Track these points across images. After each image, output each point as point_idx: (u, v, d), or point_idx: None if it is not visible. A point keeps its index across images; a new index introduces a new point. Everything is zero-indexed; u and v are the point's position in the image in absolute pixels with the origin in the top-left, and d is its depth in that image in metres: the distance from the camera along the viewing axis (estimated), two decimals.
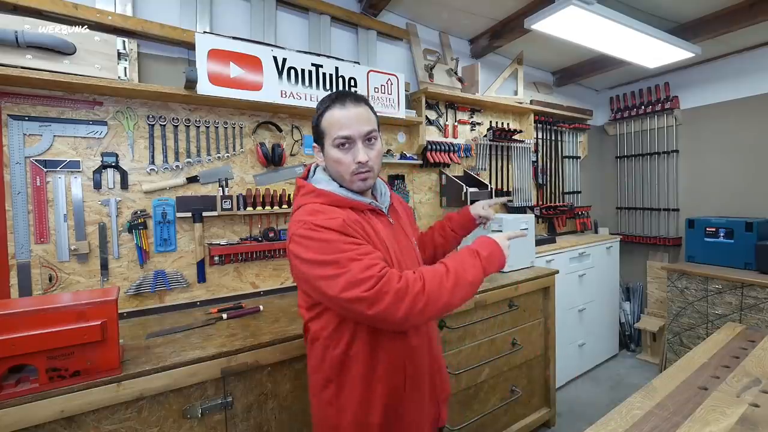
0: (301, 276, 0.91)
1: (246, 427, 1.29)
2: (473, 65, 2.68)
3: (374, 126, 1.01)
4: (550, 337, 2.27)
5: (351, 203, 0.98)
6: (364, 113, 0.99)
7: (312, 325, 1.01)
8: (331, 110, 0.98)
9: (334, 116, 0.97)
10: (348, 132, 0.96)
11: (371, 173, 1.01)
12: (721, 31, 2.34)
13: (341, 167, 0.98)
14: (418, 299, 0.84)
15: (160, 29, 1.63)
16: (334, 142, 0.97)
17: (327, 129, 0.99)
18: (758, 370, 1.23)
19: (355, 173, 0.98)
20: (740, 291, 2.42)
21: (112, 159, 1.56)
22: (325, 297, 0.88)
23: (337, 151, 0.98)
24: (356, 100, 0.99)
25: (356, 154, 0.97)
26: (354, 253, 0.85)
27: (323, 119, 1.00)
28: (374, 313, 0.82)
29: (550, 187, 3.30)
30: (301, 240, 0.88)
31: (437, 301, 0.86)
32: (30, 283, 1.43)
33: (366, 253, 0.87)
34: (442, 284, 0.88)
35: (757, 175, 2.82)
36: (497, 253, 1.02)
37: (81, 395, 1.03)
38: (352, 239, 0.88)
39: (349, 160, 0.98)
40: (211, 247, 1.74)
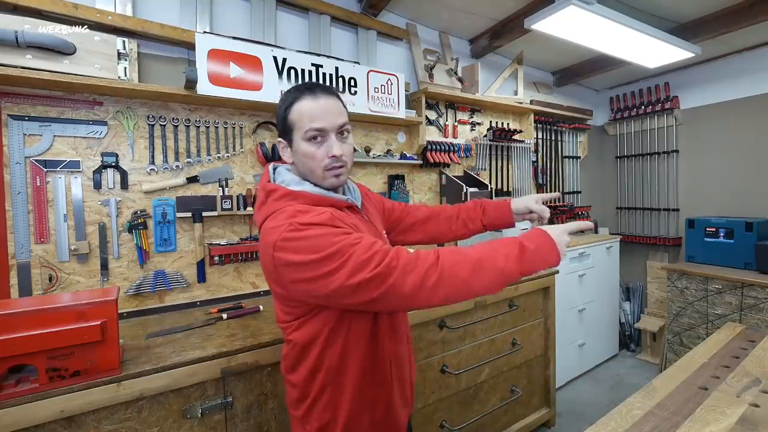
0: (292, 284, 0.81)
1: (246, 427, 1.29)
2: (473, 65, 2.68)
3: (347, 119, 0.94)
4: (550, 337, 2.27)
5: (330, 201, 0.91)
6: (336, 105, 0.92)
7: (298, 336, 0.91)
8: (301, 101, 0.90)
9: (305, 107, 0.89)
10: (321, 124, 0.88)
11: (345, 168, 0.93)
12: (721, 31, 2.34)
13: (313, 162, 0.90)
14: (429, 273, 0.75)
15: (160, 29, 1.63)
16: (305, 135, 0.89)
17: (296, 121, 0.90)
18: (758, 370, 1.23)
19: (327, 168, 0.90)
20: (740, 291, 2.42)
21: (112, 159, 1.56)
22: (323, 296, 0.79)
23: (308, 145, 0.89)
24: (327, 91, 0.92)
25: (330, 148, 0.90)
26: (351, 238, 0.78)
27: (292, 110, 0.90)
28: (381, 291, 0.75)
29: (550, 187, 3.30)
30: (288, 244, 0.78)
31: (452, 278, 0.76)
32: (30, 283, 1.43)
33: (362, 236, 0.80)
34: (461, 262, 0.77)
35: (757, 175, 2.82)
36: (547, 247, 0.84)
37: (81, 395, 1.03)
38: (344, 230, 0.81)
39: (322, 154, 0.90)
40: (211, 247, 1.74)
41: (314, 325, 0.89)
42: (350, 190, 1.04)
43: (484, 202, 1.23)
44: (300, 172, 0.94)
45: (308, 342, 0.90)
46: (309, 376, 0.92)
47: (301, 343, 0.91)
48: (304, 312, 0.89)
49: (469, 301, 1.79)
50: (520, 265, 0.80)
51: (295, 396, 0.96)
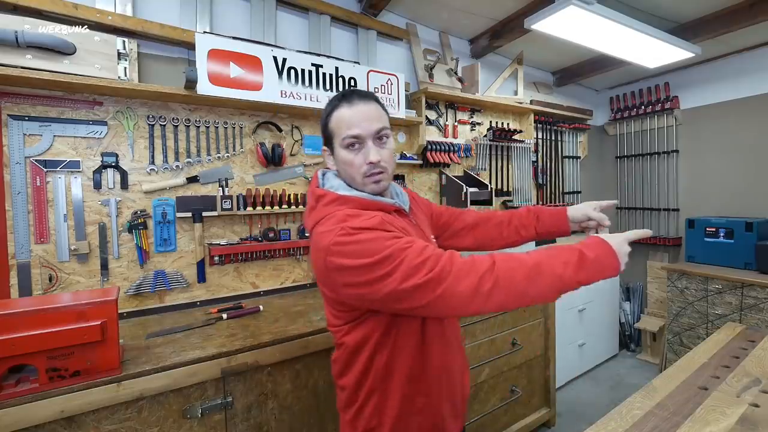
0: (344, 288, 0.81)
1: (246, 427, 1.29)
2: (473, 65, 2.68)
3: (385, 123, 0.93)
4: (550, 337, 2.27)
5: (379, 205, 0.91)
6: (373, 110, 0.92)
7: (349, 339, 0.91)
8: (339, 109, 0.91)
9: (342, 115, 0.90)
10: (357, 131, 0.89)
11: (384, 174, 0.92)
12: (721, 31, 2.34)
13: (352, 169, 0.91)
14: (485, 278, 0.72)
15: (160, 29, 1.63)
16: (343, 143, 0.90)
17: (335, 129, 0.92)
18: (758, 370, 1.23)
19: (366, 175, 0.91)
20: (740, 291, 2.42)
21: (112, 159, 1.56)
22: (377, 300, 0.78)
23: (346, 152, 0.91)
24: (364, 97, 0.93)
25: (367, 154, 0.89)
26: (403, 241, 0.77)
27: (331, 119, 0.93)
28: (436, 295, 0.73)
29: (550, 187, 3.30)
30: (340, 248, 0.78)
31: (509, 284, 0.73)
32: (30, 283, 1.43)
33: (414, 240, 0.79)
34: (518, 268, 0.74)
35: (757, 175, 2.82)
36: (607, 257, 0.80)
37: (81, 395, 1.03)
38: (395, 234, 0.80)
39: (360, 161, 0.90)
40: (211, 247, 1.74)
41: (364, 329, 0.89)
42: (397, 194, 1.04)
43: (539, 209, 1.19)
44: (343, 179, 0.96)
45: (358, 346, 0.90)
46: (357, 380, 0.91)
47: (351, 347, 0.91)
48: (354, 316, 0.89)
49: None
50: (579, 274, 0.77)
51: (344, 400, 0.95)
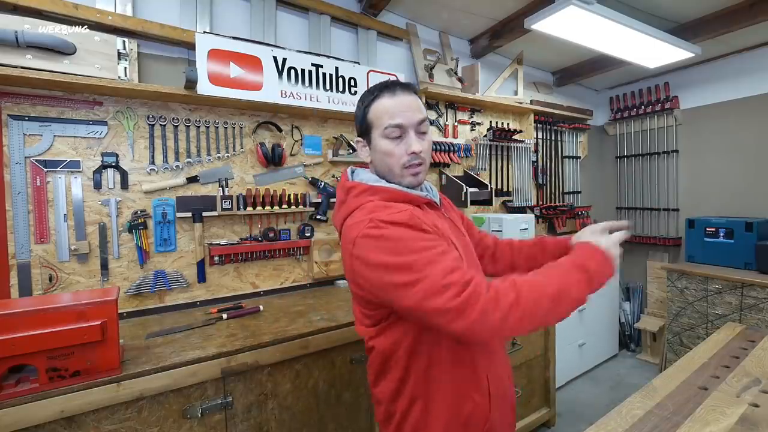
0: (369, 284, 0.79)
1: (246, 427, 1.29)
2: (473, 65, 2.68)
3: (426, 115, 0.92)
4: (550, 337, 2.27)
5: (410, 197, 0.88)
6: (415, 101, 0.90)
7: (379, 343, 0.86)
8: (380, 99, 0.89)
9: (384, 105, 0.88)
10: (400, 120, 0.87)
11: (423, 166, 0.91)
12: (721, 31, 2.34)
13: (392, 159, 0.88)
14: (511, 312, 0.70)
15: (160, 29, 1.63)
16: (384, 132, 0.87)
17: (375, 119, 0.89)
18: (758, 370, 1.23)
19: (406, 166, 0.88)
20: (740, 291, 2.42)
21: (112, 159, 1.56)
22: (401, 307, 0.76)
23: (387, 142, 0.88)
24: (406, 89, 0.91)
25: (409, 145, 0.87)
26: (430, 253, 0.73)
27: (371, 110, 0.89)
28: (459, 327, 0.70)
29: (550, 187, 3.30)
30: (366, 241, 0.76)
31: (533, 315, 0.72)
32: (30, 283, 1.43)
33: (443, 252, 0.75)
34: (541, 297, 0.73)
35: (757, 175, 2.82)
36: (605, 264, 0.82)
37: (81, 395, 1.03)
38: (424, 234, 0.77)
39: (401, 151, 0.87)
40: (211, 247, 1.74)
41: (395, 332, 0.84)
42: (427, 189, 1.00)
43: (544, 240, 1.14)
44: (378, 172, 0.93)
45: (390, 351, 0.85)
46: (394, 391, 0.86)
47: (382, 352, 0.86)
48: (383, 316, 0.85)
49: None
50: (589, 289, 0.79)
51: (381, 413, 0.90)
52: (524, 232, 2.30)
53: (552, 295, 0.73)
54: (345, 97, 1.97)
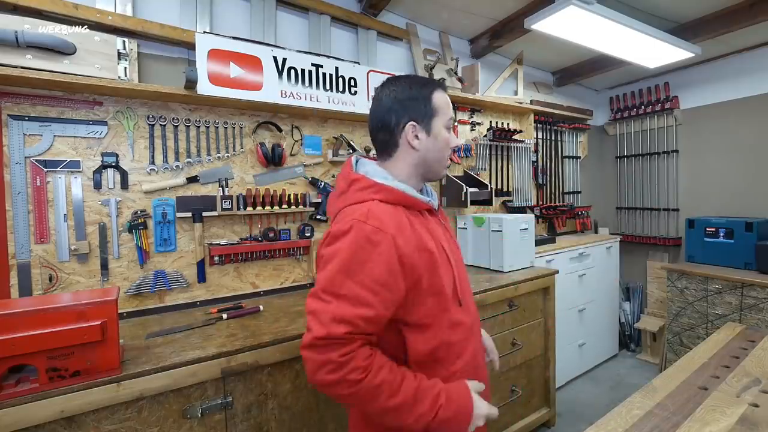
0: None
1: (246, 427, 1.29)
2: (473, 65, 2.68)
3: None
4: (550, 337, 2.27)
5: (413, 201, 0.89)
6: None
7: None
8: (439, 91, 0.94)
9: (445, 98, 0.94)
10: (452, 115, 0.96)
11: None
12: (721, 31, 2.34)
13: (446, 151, 0.95)
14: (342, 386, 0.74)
15: (160, 29, 1.63)
16: (447, 123, 0.94)
17: (441, 108, 0.92)
18: (758, 370, 1.23)
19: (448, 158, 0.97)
20: (740, 291, 2.42)
21: (112, 159, 1.56)
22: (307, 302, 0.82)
23: (446, 133, 0.94)
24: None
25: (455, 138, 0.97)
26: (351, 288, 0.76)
27: (435, 98, 0.92)
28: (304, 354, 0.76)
29: (550, 187, 3.30)
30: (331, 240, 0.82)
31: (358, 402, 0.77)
32: (30, 283, 1.43)
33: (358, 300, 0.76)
34: (378, 398, 0.76)
35: (757, 175, 2.82)
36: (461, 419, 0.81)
37: (81, 395, 1.03)
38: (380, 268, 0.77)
39: (455, 142, 0.96)
40: (211, 247, 1.74)
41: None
42: (429, 192, 1.03)
43: None
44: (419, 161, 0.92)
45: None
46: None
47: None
48: None
49: None
50: (426, 428, 0.78)
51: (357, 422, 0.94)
52: (524, 232, 2.30)
53: (386, 407, 0.76)
54: (345, 97, 1.97)
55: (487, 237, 2.33)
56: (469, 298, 0.97)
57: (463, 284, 0.94)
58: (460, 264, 0.97)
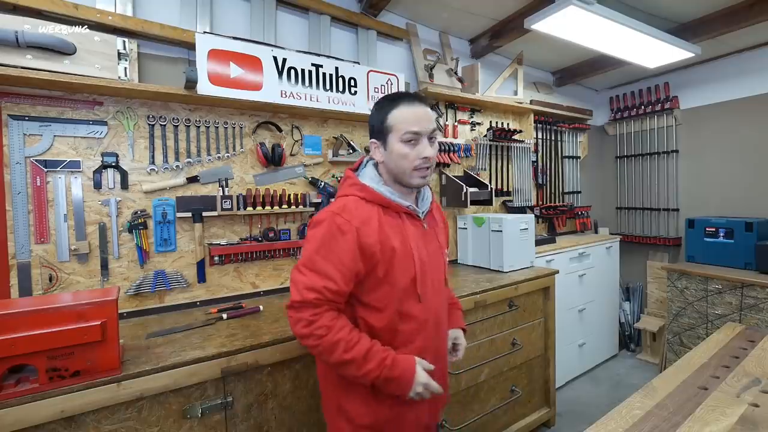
0: None
1: (246, 427, 1.29)
2: (473, 65, 2.68)
3: (436, 126, 1.07)
4: (550, 337, 2.27)
5: (388, 203, 1.04)
6: (429, 113, 1.05)
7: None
8: (400, 107, 1.03)
9: (404, 113, 1.02)
10: (417, 128, 1.02)
11: (430, 170, 1.06)
12: (721, 31, 2.34)
13: (405, 162, 1.03)
14: (311, 339, 0.95)
15: (160, 29, 1.63)
16: (402, 137, 1.02)
17: (395, 124, 1.03)
18: (758, 370, 1.23)
19: (416, 168, 1.03)
20: (740, 291, 2.42)
21: (112, 159, 1.56)
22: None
23: (403, 146, 1.02)
24: (422, 101, 1.06)
25: (422, 150, 1.02)
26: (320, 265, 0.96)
27: (390, 116, 1.03)
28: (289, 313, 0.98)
29: (550, 187, 3.30)
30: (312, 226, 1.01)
31: (319, 353, 0.97)
32: (30, 283, 1.43)
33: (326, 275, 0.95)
34: (335, 352, 0.94)
35: (757, 175, 2.82)
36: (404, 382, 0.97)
37: (81, 395, 1.03)
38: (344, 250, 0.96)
39: (415, 155, 1.02)
40: (211, 247, 1.74)
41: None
42: (423, 197, 1.15)
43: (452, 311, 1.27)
44: (387, 170, 1.07)
45: None
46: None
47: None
48: None
49: (469, 300, 1.80)
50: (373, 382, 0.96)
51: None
52: (524, 232, 2.30)
53: (342, 359, 0.94)
54: (345, 97, 1.97)
55: (487, 237, 2.33)
56: (432, 297, 1.09)
57: (426, 284, 1.06)
58: (430, 266, 1.08)
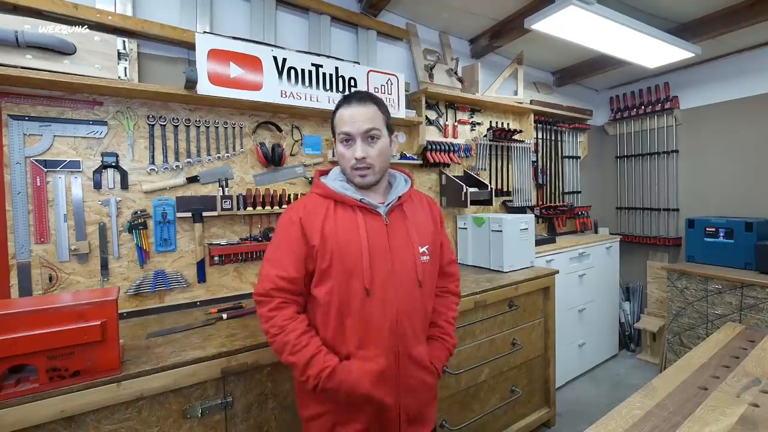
0: None
1: (246, 427, 1.29)
2: (473, 65, 2.68)
3: (375, 124, 1.04)
4: (550, 337, 2.27)
5: (339, 197, 1.06)
6: (366, 112, 1.04)
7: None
8: (340, 109, 1.06)
9: (341, 114, 1.05)
10: (347, 128, 1.03)
11: (370, 170, 1.05)
12: (721, 31, 2.34)
13: (343, 161, 1.07)
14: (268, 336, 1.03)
15: (160, 29, 1.63)
16: (338, 138, 1.06)
17: (335, 126, 1.07)
18: (758, 370, 1.23)
19: (354, 168, 1.05)
20: (740, 291, 2.42)
21: (112, 159, 1.56)
22: None
23: (341, 147, 1.06)
24: (361, 99, 1.05)
25: (354, 150, 1.03)
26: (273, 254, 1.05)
27: (334, 117, 1.08)
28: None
29: (550, 187, 3.30)
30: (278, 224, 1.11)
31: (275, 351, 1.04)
32: (30, 283, 1.43)
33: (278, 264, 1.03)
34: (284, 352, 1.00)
35: (757, 175, 2.82)
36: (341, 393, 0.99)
37: (81, 395, 1.03)
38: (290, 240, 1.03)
39: (350, 155, 1.04)
40: (211, 247, 1.74)
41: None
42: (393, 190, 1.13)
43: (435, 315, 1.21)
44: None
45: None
46: None
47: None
48: None
49: (469, 300, 1.80)
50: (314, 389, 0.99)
51: None
52: (524, 232, 2.30)
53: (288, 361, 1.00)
54: None
55: (487, 237, 2.33)
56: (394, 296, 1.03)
57: (379, 278, 1.02)
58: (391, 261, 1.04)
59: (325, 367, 0.98)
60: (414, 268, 1.07)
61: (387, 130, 1.09)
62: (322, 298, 1.03)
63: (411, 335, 1.06)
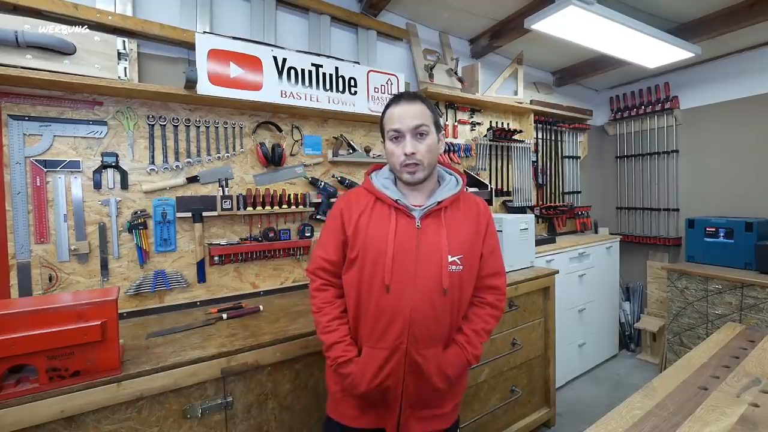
0: None
1: (246, 427, 1.29)
2: (473, 65, 2.68)
3: (424, 121, 1.06)
4: (550, 337, 2.27)
5: (379, 195, 1.11)
6: (415, 109, 1.06)
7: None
8: (389, 108, 1.09)
9: (390, 113, 1.08)
10: (397, 125, 1.06)
11: (419, 166, 1.06)
12: (721, 31, 2.34)
13: (393, 158, 1.09)
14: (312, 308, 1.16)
15: (160, 29, 1.63)
16: (388, 135, 1.09)
17: (384, 125, 1.11)
18: (758, 370, 1.23)
19: (403, 165, 1.06)
20: (740, 291, 2.42)
21: (112, 159, 1.56)
22: None
23: (390, 144, 1.09)
24: (410, 98, 1.08)
25: (404, 147, 1.05)
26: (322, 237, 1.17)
27: (383, 117, 1.12)
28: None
29: (550, 187, 3.30)
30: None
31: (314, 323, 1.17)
32: (30, 283, 1.43)
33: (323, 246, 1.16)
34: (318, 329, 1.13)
35: (757, 175, 2.82)
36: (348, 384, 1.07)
37: (81, 395, 1.03)
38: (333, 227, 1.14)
39: (399, 152, 1.06)
40: (211, 247, 1.74)
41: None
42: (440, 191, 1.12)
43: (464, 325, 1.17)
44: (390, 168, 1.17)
45: None
46: None
47: None
48: None
49: None
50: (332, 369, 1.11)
51: None
52: (524, 232, 2.30)
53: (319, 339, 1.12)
54: (345, 97, 1.97)
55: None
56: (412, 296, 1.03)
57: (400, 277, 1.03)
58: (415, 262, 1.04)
59: (342, 356, 1.07)
60: (439, 275, 1.03)
61: (435, 128, 1.10)
62: (347, 286, 1.11)
63: (424, 340, 1.04)
